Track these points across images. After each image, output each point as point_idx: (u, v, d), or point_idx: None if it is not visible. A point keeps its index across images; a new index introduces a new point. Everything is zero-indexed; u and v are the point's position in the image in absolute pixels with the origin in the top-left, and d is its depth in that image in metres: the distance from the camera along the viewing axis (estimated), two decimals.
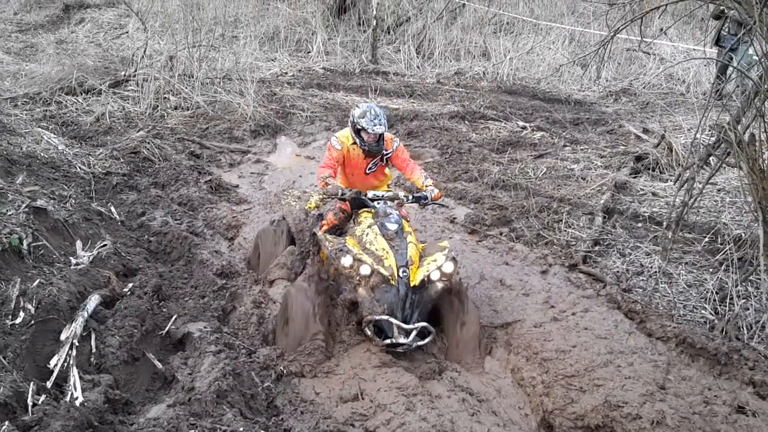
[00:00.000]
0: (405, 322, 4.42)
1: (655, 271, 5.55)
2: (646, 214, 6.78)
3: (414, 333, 4.41)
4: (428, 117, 10.95)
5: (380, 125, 4.99)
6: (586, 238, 6.31)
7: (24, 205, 4.76)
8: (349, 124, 5.18)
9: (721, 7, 10.15)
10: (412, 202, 5.24)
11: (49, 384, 3.40)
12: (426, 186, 5.22)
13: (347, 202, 5.18)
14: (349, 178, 5.37)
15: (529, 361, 4.56)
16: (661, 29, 13.07)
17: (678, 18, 12.92)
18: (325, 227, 5.07)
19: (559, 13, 16.58)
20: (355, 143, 5.17)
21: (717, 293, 5.05)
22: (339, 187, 4.98)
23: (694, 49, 13.33)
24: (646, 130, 10.03)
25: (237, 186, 8.10)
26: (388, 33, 16.69)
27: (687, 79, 13.15)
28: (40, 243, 4.50)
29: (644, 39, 6.69)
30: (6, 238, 4.17)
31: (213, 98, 10.70)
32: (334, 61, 14.86)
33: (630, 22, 5.53)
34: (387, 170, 5.57)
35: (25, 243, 4.34)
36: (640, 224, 6.63)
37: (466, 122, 10.91)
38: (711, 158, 6.33)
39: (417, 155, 9.37)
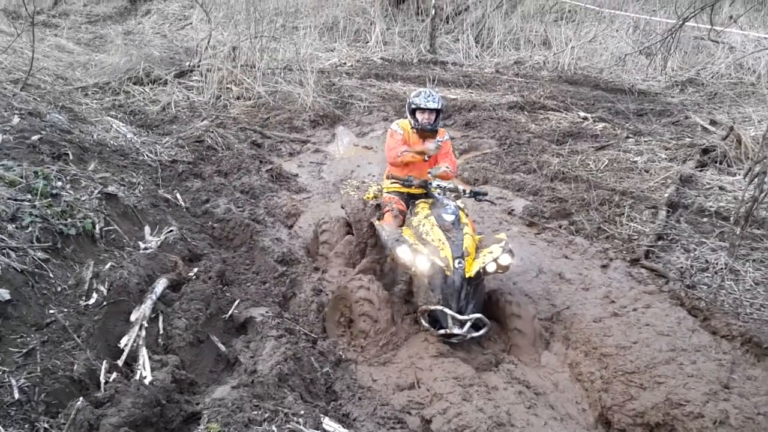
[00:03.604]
0: (460, 313, 4.43)
1: (721, 268, 5.39)
2: (712, 209, 6.58)
3: (468, 324, 4.42)
4: (486, 107, 10.87)
5: (434, 102, 5.25)
6: (648, 232, 6.17)
7: (96, 191, 4.95)
8: (407, 107, 5.42)
9: None
10: (469, 197, 5.29)
11: (120, 363, 3.53)
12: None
13: (402, 201, 5.36)
14: (408, 164, 5.43)
15: (587, 356, 4.51)
16: (731, 17, 12.59)
17: (749, 5, 12.41)
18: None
19: (624, 0, 16.14)
20: (413, 128, 5.34)
21: None
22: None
23: (765, 38, 12.79)
24: (713, 122, 9.70)
25: (296, 175, 8.24)
26: (447, 22, 16.60)
27: (758, 69, 12.64)
28: (112, 228, 4.68)
29: (714, 27, 6.47)
30: (80, 222, 4.35)
31: (274, 88, 10.88)
32: (392, 51, 14.89)
33: (700, 10, 5.34)
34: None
35: (97, 227, 4.50)
36: (705, 219, 6.44)
37: (525, 113, 10.78)
38: None
39: (475, 146, 9.33)
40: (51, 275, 3.75)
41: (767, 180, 5.11)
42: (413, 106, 5.31)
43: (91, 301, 3.81)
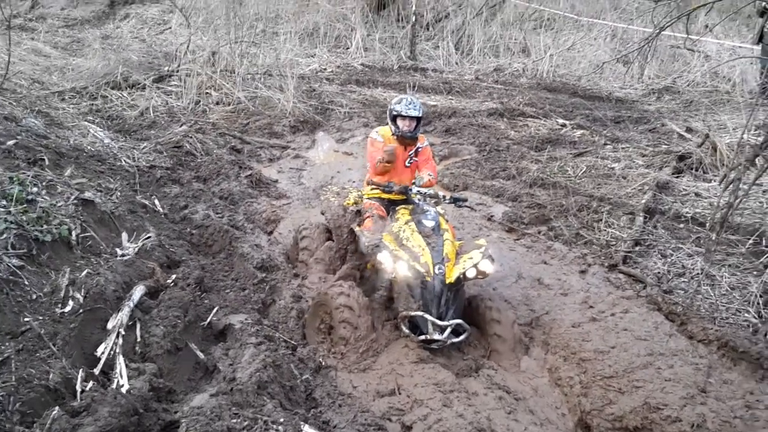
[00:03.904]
0: (440, 318, 4.43)
1: (698, 273, 5.46)
2: (688, 215, 6.67)
3: (448, 330, 4.41)
4: (466, 114, 10.93)
5: (414, 110, 5.28)
6: (626, 238, 6.24)
7: (72, 197, 4.88)
8: (387, 114, 5.45)
9: (764, 4, 9.92)
10: (449, 203, 5.32)
11: (96, 371, 3.47)
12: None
13: (383, 207, 5.37)
14: (389, 170, 5.44)
15: (566, 361, 4.54)
16: (707, 26, 12.79)
17: (724, 15, 12.63)
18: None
19: (601, 9, 16.35)
20: (393, 135, 5.37)
21: (761, 296, 4.96)
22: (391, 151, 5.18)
23: (740, 47, 13.03)
24: (689, 129, 9.83)
25: (276, 181, 8.21)
26: (427, 29, 16.68)
27: (733, 78, 12.85)
28: (88, 234, 4.62)
29: (690, 36, 6.56)
30: (56, 228, 4.29)
31: (254, 94, 10.83)
32: (373, 57, 14.92)
33: (677, 19, 5.42)
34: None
35: (73, 234, 4.45)
36: (682, 225, 6.52)
37: (505, 119, 10.86)
38: (758, 159, 6.19)
39: (455, 152, 9.37)
40: (26, 282, 3.70)
41: (742, 186, 5.19)
42: (394, 113, 5.33)
43: (67, 308, 3.75)
